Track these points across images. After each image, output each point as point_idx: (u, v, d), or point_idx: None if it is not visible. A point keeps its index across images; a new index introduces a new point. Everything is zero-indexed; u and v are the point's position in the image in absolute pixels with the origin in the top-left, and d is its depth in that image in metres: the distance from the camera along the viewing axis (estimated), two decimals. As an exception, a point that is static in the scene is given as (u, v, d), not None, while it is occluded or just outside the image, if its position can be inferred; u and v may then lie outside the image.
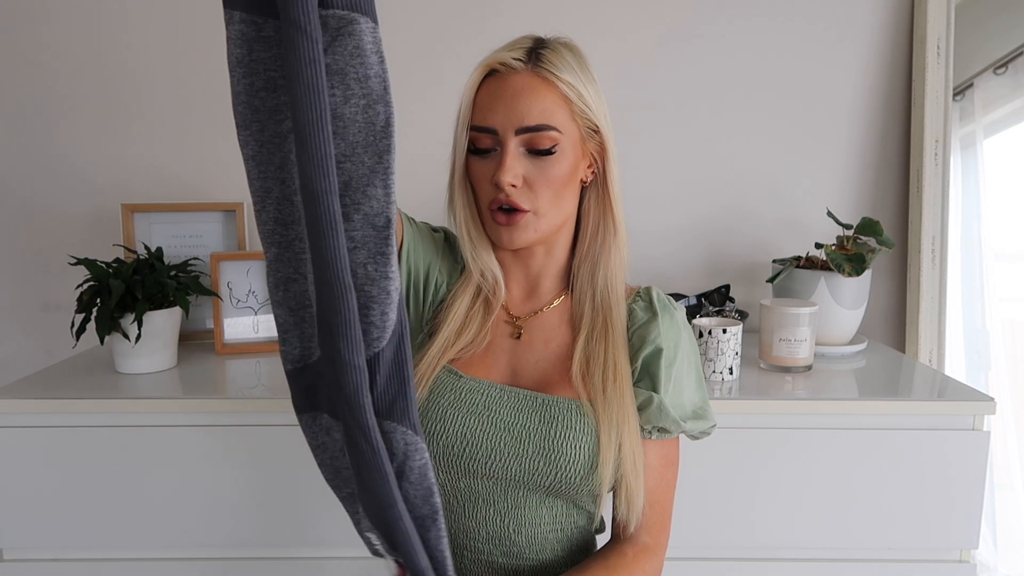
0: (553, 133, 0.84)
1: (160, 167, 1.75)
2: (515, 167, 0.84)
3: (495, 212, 0.86)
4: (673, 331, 0.91)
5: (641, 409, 0.88)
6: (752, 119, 1.74)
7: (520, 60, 0.84)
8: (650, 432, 0.90)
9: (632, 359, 0.90)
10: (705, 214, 1.77)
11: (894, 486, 1.26)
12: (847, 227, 1.57)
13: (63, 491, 1.28)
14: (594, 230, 0.92)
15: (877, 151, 1.75)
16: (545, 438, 0.84)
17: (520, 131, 0.83)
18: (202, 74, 1.72)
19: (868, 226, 1.54)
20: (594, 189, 0.92)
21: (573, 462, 0.84)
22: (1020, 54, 1.65)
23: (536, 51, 0.85)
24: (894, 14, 1.70)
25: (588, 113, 0.87)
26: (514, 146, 0.84)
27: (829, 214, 1.59)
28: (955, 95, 1.71)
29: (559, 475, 0.84)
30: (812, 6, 1.69)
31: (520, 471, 0.84)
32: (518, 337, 0.92)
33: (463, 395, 0.86)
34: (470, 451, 0.84)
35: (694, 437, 0.95)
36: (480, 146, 0.86)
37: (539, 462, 0.84)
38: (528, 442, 0.84)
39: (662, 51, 1.72)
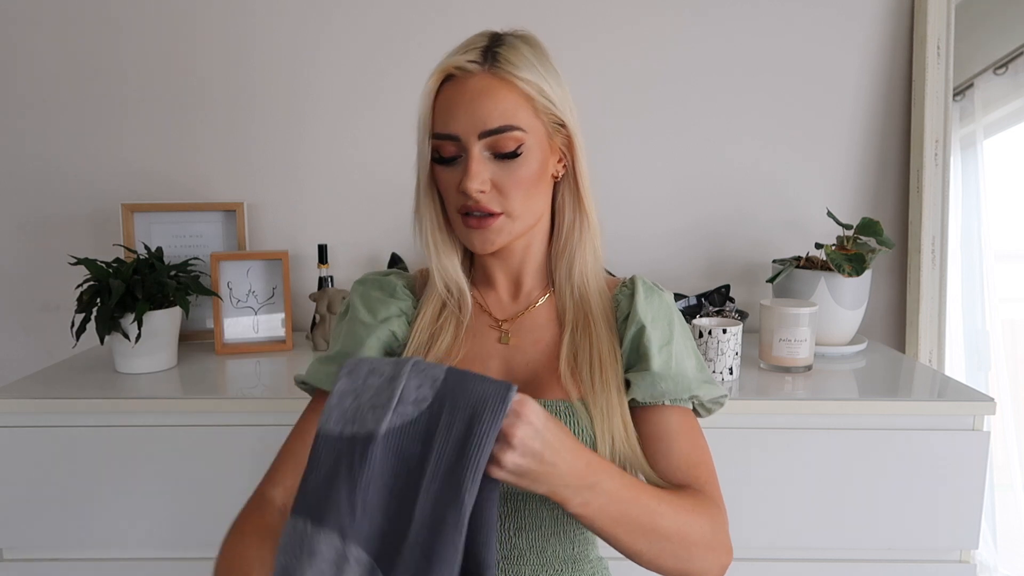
0: (517, 133, 0.81)
1: (160, 167, 1.75)
2: (481, 173, 0.81)
3: (467, 217, 0.84)
4: (655, 307, 0.90)
5: (641, 386, 0.86)
6: (752, 120, 1.74)
7: (476, 62, 0.81)
8: (663, 402, 0.87)
9: (620, 345, 0.90)
10: (705, 215, 1.77)
11: (894, 486, 1.26)
12: (847, 227, 1.57)
13: (63, 491, 1.28)
14: (569, 225, 0.91)
15: (877, 151, 1.75)
16: None
17: (483, 135, 0.80)
18: (202, 74, 1.72)
19: (868, 226, 1.54)
20: (566, 183, 0.90)
21: None
22: (1020, 54, 1.65)
23: (491, 50, 0.82)
24: (894, 14, 1.70)
25: (552, 108, 0.84)
26: (478, 151, 0.81)
27: (829, 214, 1.59)
28: (955, 95, 1.71)
29: None
30: (812, 7, 1.69)
31: None
32: (507, 342, 0.91)
33: None
34: None
35: (707, 409, 0.92)
36: (444, 154, 0.83)
37: None
38: None
39: (659, 50, 1.72)
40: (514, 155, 0.82)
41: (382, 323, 0.91)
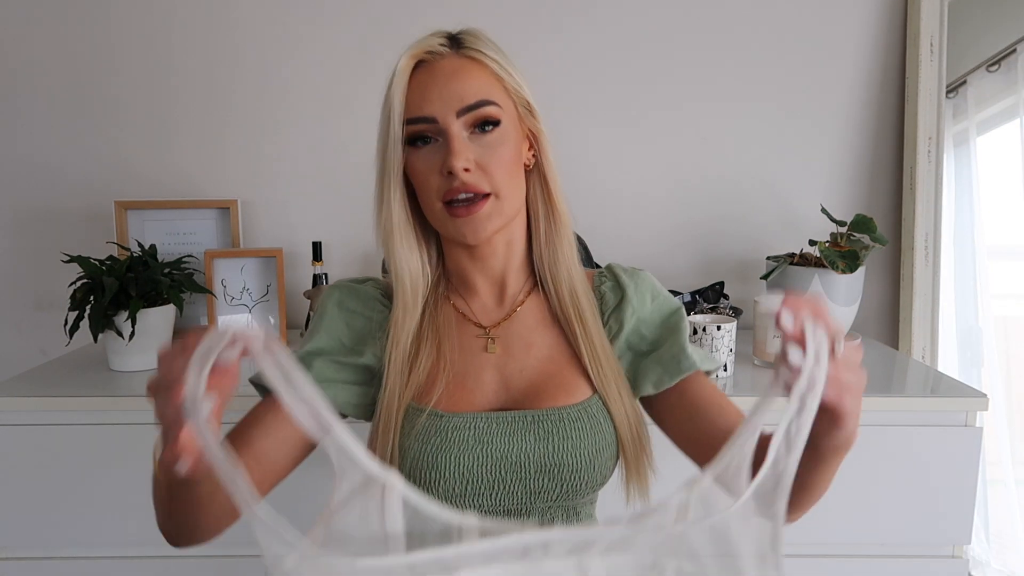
0: (493, 108, 0.81)
1: (154, 164, 1.74)
2: (464, 151, 0.79)
3: (452, 207, 0.81)
4: (654, 287, 0.94)
5: (681, 361, 0.87)
6: (746, 117, 1.74)
7: (444, 46, 0.82)
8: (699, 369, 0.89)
9: (615, 339, 0.90)
10: (699, 212, 1.77)
11: (887, 482, 1.27)
12: (841, 224, 1.57)
13: (57, 489, 1.28)
14: (545, 218, 0.89)
15: (871, 148, 1.75)
16: (544, 456, 0.82)
17: (461, 112, 0.79)
18: (196, 72, 1.72)
19: (862, 223, 1.55)
20: (536, 175, 0.89)
21: (575, 471, 0.83)
22: (1013, 51, 1.65)
23: (456, 37, 0.83)
24: (887, 12, 1.70)
25: (521, 91, 0.84)
26: (457, 129, 0.80)
27: (823, 211, 1.60)
28: (948, 92, 1.71)
29: (564, 486, 0.83)
30: (805, 4, 1.70)
31: (525, 492, 0.83)
32: (494, 351, 0.88)
33: (450, 435, 0.82)
34: (472, 488, 0.82)
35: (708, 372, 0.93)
36: (419, 136, 0.81)
37: (544, 480, 0.82)
38: (528, 464, 0.82)
39: (652, 48, 1.72)
40: (494, 124, 0.81)
41: (358, 355, 0.87)
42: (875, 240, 1.54)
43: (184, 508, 0.70)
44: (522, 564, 0.49)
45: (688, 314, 1.46)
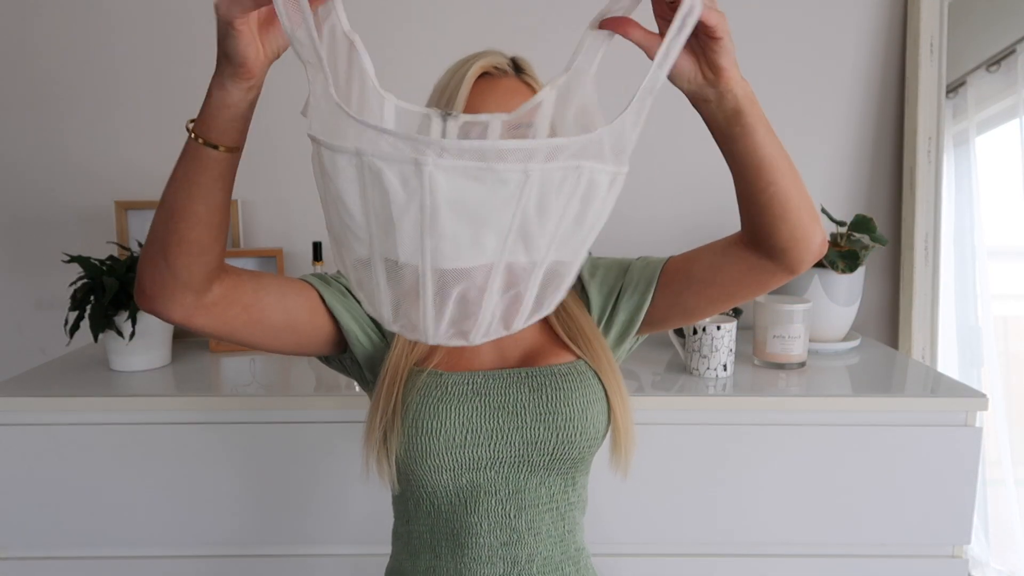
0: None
1: (153, 164, 1.74)
2: None
3: None
4: (592, 270, 1.01)
5: (645, 270, 0.99)
6: (746, 116, 1.74)
7: (508, 67, 0.93)
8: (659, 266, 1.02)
9: (590, 308, 0.98)
10: (698, 211, 1.77)
11: (887, 482, 1.27)
12: (841, 224, 1.57)
13: (57, 489, 1.28)
14: None
15: (871, 148, 1.75)
16: (539, 404, 0.89)
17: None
18: (195, 70, 1.72)
19: (862, 223, 1.55)
20: None
21: (569, 419, 0.88)
22: (1012, 51, 1.66)
23: (515, 61, 0.95)
24: (888, 12, 1.70)
25: None
26: None
27: (823, 211, 1.60)
28: (948, 92, 1.71)
29: (559, 435, 0.88)
30: (806, 5, 1.70)
31: (523, 442, 0.88)
32: None
33: (450, 388, 0.89)
34: (472, 438, 0.87)
35: None
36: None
37: (539, 428, 0.88)
38: (525, 413, 0.88)
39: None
40: None
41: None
42: (875, 240, 1.54)
43: (195, 191, 0.77)
44: (480, 163, 0.60)
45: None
